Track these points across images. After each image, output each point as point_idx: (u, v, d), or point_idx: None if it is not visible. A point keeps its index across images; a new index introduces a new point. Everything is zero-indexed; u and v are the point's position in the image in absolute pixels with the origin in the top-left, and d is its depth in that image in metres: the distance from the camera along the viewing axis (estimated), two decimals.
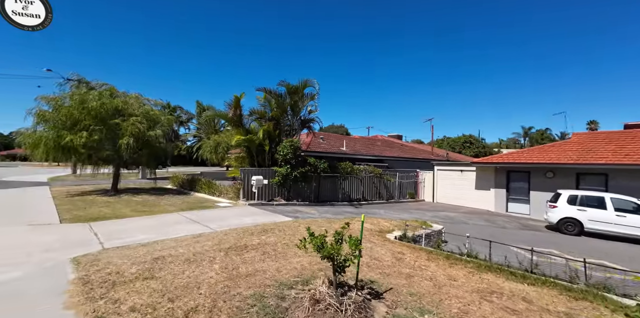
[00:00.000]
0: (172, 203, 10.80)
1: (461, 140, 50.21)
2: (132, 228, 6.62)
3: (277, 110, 11.95)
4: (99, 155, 12.10)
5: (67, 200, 10.89)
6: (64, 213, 8.45)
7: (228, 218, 8.01)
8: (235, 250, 4.83)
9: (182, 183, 16.37)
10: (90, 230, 6.47)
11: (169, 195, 13.14)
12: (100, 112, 11.44)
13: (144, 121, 12.40)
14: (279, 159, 11.62)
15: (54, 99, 11.25)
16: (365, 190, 14.94)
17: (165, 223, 7.29)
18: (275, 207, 10.49)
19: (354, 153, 17.26)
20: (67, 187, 15.36)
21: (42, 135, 10.74)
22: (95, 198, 11.29)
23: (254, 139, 11.40)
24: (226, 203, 10.99)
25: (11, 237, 5.79)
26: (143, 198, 11.66)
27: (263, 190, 11.45)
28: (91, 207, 9.63)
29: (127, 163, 13.51)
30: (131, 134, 11.80)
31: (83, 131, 11.03)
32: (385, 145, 22.73)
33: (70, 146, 10.81)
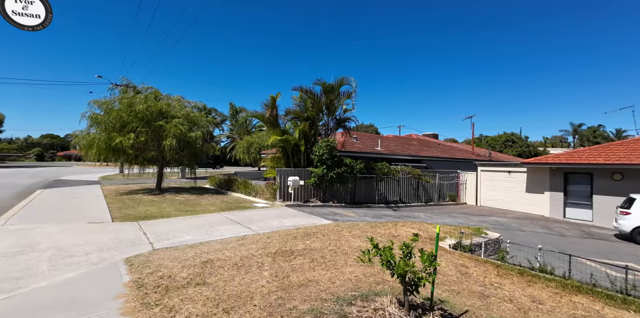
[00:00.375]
0: (212, 203, 11.02)
1: (502, 138, 46.95)
2: (178, 229, 6.73)
3: (312, 110, 11.76)
4: (144, 156, 12.73)
5: (117, 198, 11.54)
6: (115, 211, 8.90)
7: (267, 220, 7.92)
8: (282, 255, 4.64)
9: (220, 183, 16.82)
10: (139, 229, 6.67)
11: (208, 194, 13.50)
12: (145, 114, 11.99)
13: (185, 123, 12.82)
14: (315, 160, 11.41)
15: (105, 102, 12.00)
16: (402, 192, 14.29)
17: (208, 223, 7.36)
18: (312, 209, 10.29)
19: (389, 153, 16.62)
20: (116, 185, 16.41)
21: (95, 137, 11.48)
22: (142, 197, 11.85)
23: (289, 139, 11.30)
24: (263, 203, 11.00)
25: (72, 235, 6.10)
26: (185, 198, 12.05)
27: (299, 191, 11.31)
28: (138, 205, 10.08)
29: (170, 163, 14.08)
30: (174, 135, 12.25)
31: (131, 133, 11.62)
32: (422, 145, 21.72)
33: (120, 147, 11.44)
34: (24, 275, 3.91)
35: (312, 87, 11.64)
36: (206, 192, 14.28)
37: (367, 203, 12.70)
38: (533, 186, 14.01)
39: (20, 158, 64.11)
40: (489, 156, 22.61)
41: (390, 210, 12.12)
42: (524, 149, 44.38)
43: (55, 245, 5.38)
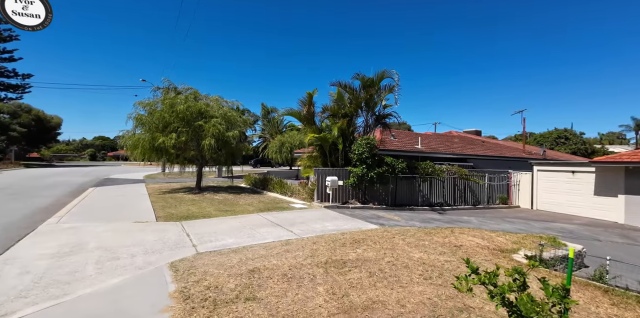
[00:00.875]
0: (250, 203, 10.87)
1: (552, 135, 42.78)
2: (220, 231, 6.52)
3: (351, 106, 11.17)
4: (185, 155, 12.97)
5: (160, 197, 11.83)
6: (159, 210, 9.00)
7: (309, 223, 7.49)
8: (334, 266, 4.14)
9: (255, 182, 16.83)
10: (182, 230, 6.55)
11: (244, 194, 13.46)
12: (186, 114, 12.18)
13: (223, 122, 12.85)
14: (354, 159, 10.82)
15: (149, 103, 12.38)
16: (447, 193, 13.21)
17: (249, 225, 7.09)
18: (353, 211, 9.71)
19: (430, 151, 15.53)
20: (159, 184, 17.07)
21: (140, 137, 11.86)
22: (183, 196, 12.06)
23: (327, 137, 10.81)
24: (300, 204, 10.63)
25: (119, 235, 6.11)
26: (223, 197, 12.06)
27: (337, 191, 10.79)
28: (180, 204, 10.19)
29: (208, 162, 14.27)
30: (212, 134, 12.31)
31: (172, 133, 11.85)
32: (465, 142, 20.19)
33: (162, 147, 11.71)
34: (72, 280, 3.79)
35: (351, 82, 11.05)
36: (243, 192, 14.28)
37: (409, 205, 11.85)
38: (603, 188, 12.24)
39: (76, 158, 70.73)
40: (543, 154, 20.44)
41: (436, 213, 11.17)
42: (579, 147, 40.06)
43: (103, 245, 5.36)
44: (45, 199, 10.93)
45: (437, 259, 4.37)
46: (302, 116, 11.85)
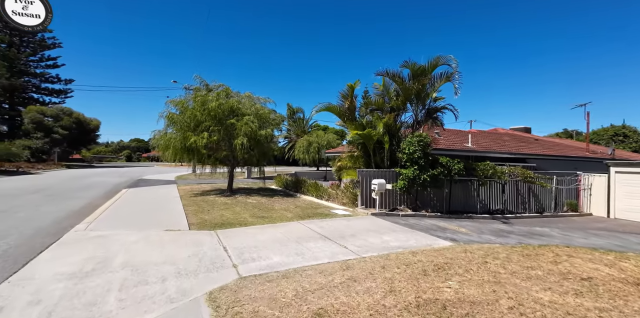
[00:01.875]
0: (286, 207, 9.90)
1: (608, 132, 38.46)
2: (261, 244, 5.52)
3: (398, 99, 9.86)
4: (216, 156, 12.30)
5: (192, 200, 11.20)
6: (191, 215, 8.25)
7: (362, 235, 6.32)
8: (433, 313, 2.92)
9: (287, 184, 15.94)
10: (218, 242, 5.63)
11: (277, 196, 12.56)
12: (217, 112, 11.48)
13: (255, 120, 12.04)
14: (403, 159, 9.49)
15: (180, 101, 11.83)
16: (507, 198, 11.47)
17: (293, 237, 6.05)
18: (406, 220, 8.39)
19: (483, 150, 13.77)
20: (190, 185, 16.67)
21: (171, 137, 11.32)
22: (215, 199, 11.35)
23: (372, 135, 9.57)
24: (342, 210, 9.48)
25: (149, 248, 5.30)
26: (257, 201, 11.21)
27: (384, 196, 9.51)
28: (213, 209, 9.43)
29: (240, 163, 13.54)
30: (245, 133, 11.52)
31: (204, 132, 11.18)
32: (516, 140, 18.04)
33: (194, 147, 11.08)
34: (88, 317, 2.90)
35: (399, 71, 9.72)
36: (275, 194, 13.40)
37: (465, 212, 10.29)
38: None
39: (113, 159, 74.71)
40: (611, 154, 17.77)
41: (499, 222, 9.56)
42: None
43: (130, 261, 4.53)
44: (79, 201, 10.64)
45: (581, 306, 3.03)
46: (341, 111, 10.70)
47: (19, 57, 37.02)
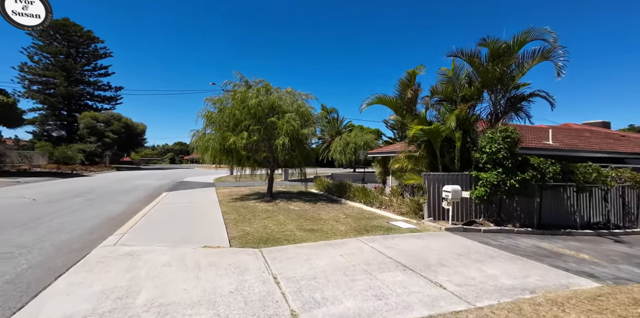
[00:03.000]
0: (334, 216, 8.53)
1: None
2: (320, 274, 4.17)
3: (473, 86, 8.04)
4: (256, 157, 11.32)
5: (231, 205, 10.28)
6: (231, 226, 7.20)
7: (451, 262, 4.71)
8: None
9: (329, 188, 14.60)
10: (266, 268, 4.38)
11: (321, 203, 11.25)
12: (257, 110, 10.46)
13: (297, 118, 10.85)
14: (481, 159, 7.65)
15: (219, 99, 11.02)
16: (611, 208, 9.05)
17: (356, 261, 4.64)
18: (496, 238, 6.57)
19: (570, 149, 11.27)
20: (228, 188, 16.01)
21: (210, 138, 10.53)
22: (255, 205, 10.32)
23: (440, 130, 7.84)
24: (403, 222, 7.87)
25: (183, 274, 4.18)
26: (299, 208, 9.98)
27: (457, 206, 7.73)
28: (254, 217, 8.34)
29: (280, 165, 12.45)
30: (286, 132, 10.37)
31: (244, 132, 10.22)
32: (602, 137, 14.96)
33: (233, 148, 10.16)
34: None
35: (476, 51, 7.89)
36: (318, 200, 12.11)
37: (559, 227, 8.14)
38: None
39: (159, 161, 79.34)
40: None
41: (611, 241, 7.36)
42: None
43: (158, 298, 3.41)
44: (118, 206, 10.19)
45: None
46: (397, 104, 9.09)
47: (75, 66, 40.10)
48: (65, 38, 40.38)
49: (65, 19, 39.90)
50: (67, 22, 39.94)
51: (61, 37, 40.15)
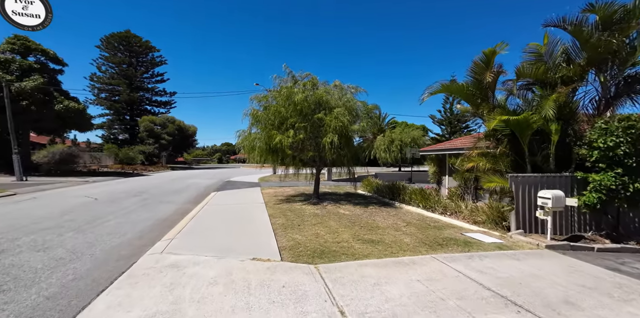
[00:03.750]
0: (393, 224, 7.44)
1: None
2: (400, 309, 3.17)
3: (573, 65, 6.31)
4: (302, 157, 10.60)
5: (277, 208, 9.71)
6: (280, 233, 6.52)
7: (584, 302, 3.38)
8: None
9: (378, 189, 13.44)
10: (329, 297, 3.50)
11: (373, 206, 10.18)
12: (304, 105, 9.74)
13: (346, 113, 9.90)
14: (590, 157, 5.94)
15: (264, 97, 10.53)
16: None
17: (444, 292, 3.55)
18: (623, 261, 4.94)
19: None
20: (273, 189, 15.68)
21: (255, 137, 10.08)
22: (302, 208, 9.62)
23: (530, 120, 6.26)
24: (482, 234, 6.49)
25: (231, 299, 3.49)
26: (350, 212, 9.04)
27: (556, 216, 6.12)
28: (303, 222, 7.60)
29: (327, 164, 11.62)
30: (334, 129, 9.50)
31: (290, 130, 9.57)
32: None
33: (279, 147, 9.56)
34: None
35: (582, 18, 6.16)
36: (368, 202, 11.05)
37: None
38: None
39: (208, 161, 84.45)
40: None
41: None
42: None
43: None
44: (169, 207, 10.24)
45: None
46: (468, 91, 7.61)
47: (135, 75, 43.87)
48: (127, 49, 44.40)
49: (127, 31, 43.84)
50: (128, 34, 43.86)
51: (124, 48, 44.22)
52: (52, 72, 24.32)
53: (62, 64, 25.29)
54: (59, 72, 25.27)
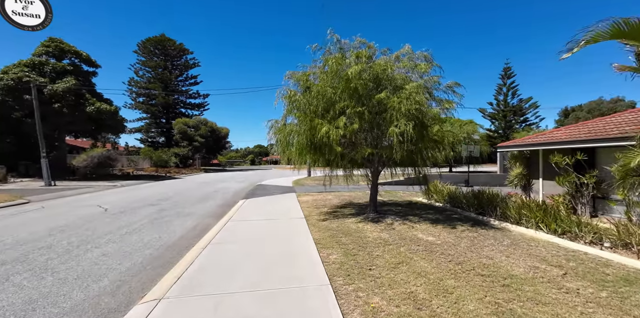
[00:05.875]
0: (531, 269, 4.29)
1: None
2: None
3: None
4: (355, 155, 7.67)
5: (324, 227, 6.89)
6: (343, 291, 3.64)
7: None
8: None
9: (453, 198, 10.08)
10: None
11: (461, 226, 6.97)
12: (358, 83, 6.83)
13: (421, 92, 6.82)
14: None
15: (304, 74, 7.74)
16: None
17: None
18: None
19: None
20: (311, 195, 12.96)
21: (292, 129, 7.37)
22: (360, 229, 6.71)
23: None
24: None
25: None
26: (435, 237, 5.95)
27: None
28: (373, 260, 4.69)
29: (388, 164, 8.56)
30: (406, 115, 6.47)
31: (341, 117, 6.74)
32: None
33: (324, 142, 6.73)
34: None
35: None
36: (450, 219, 7.82)
37: None
38: None
39: (241, 163, 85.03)
40: None
41: None
42: None
43: None
44: (185, 223, 7.92)
45: None
46: None
47: (170, 78, 44.07)
48: (162, 52, 44.81)
49: (162, 35, 44.22)
50: (163, 38, 44.22)
51: (159, 52, 44.68)
52: (85, 74, 24.02)
53: (95, 66, 24.99)
54: (93, 74, 25.00)
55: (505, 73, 44.44)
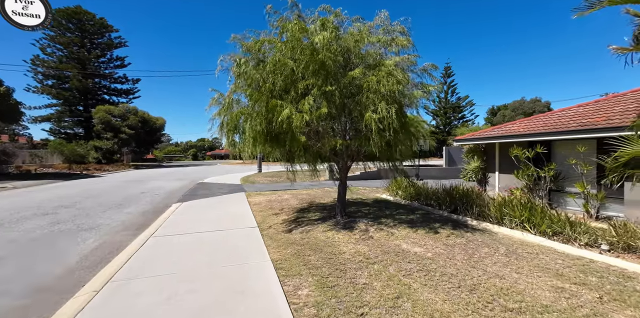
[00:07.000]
0: (552, 290, 3.36)
1: None
2: None
3: None
4: (320, 148, 6.19)
5: (284, 241, 5.31)
6: None
7: None
8: None
9: (421, 194, 9.31)
10: None
11: (443, 230, 6.05)
12: (326, 56, 5.30)
13: (400, 72, 5.60)
14: None
15: (257, 42, 5.83)
16: None
17: None
18: None
19: None
20: (264, 195, 11.16)
21: (242, 111, 5.54)
22: (332, 241, 5.28)
23: None
24: None
25: None
26: (424, 249, 4.84)
27: None
28: (360, 295, 3.30)
29: (357, 158, 7.26)
30: (387, 96, 5.21)
31: (307, 97, 5.17)
32: None
33: (285, 130, 5.11)
34: None
35: None
36: (427, 221, 6.89)
37: None
38: None
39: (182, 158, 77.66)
40: None
41: None
42: None
43: None
44: (85, 241, 5.58)
45: None
46: None
47: (89, 58, 37.05)
48: (78, 27, 37.34)
49: (77, 7, 36.75)
50: (79, 10, 36.80)
51: (74, 26, 37.15)
52: None
53: None
54: None
55: (446, 72, 47.45)
